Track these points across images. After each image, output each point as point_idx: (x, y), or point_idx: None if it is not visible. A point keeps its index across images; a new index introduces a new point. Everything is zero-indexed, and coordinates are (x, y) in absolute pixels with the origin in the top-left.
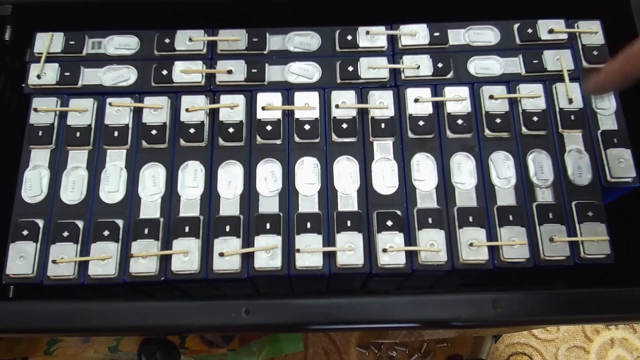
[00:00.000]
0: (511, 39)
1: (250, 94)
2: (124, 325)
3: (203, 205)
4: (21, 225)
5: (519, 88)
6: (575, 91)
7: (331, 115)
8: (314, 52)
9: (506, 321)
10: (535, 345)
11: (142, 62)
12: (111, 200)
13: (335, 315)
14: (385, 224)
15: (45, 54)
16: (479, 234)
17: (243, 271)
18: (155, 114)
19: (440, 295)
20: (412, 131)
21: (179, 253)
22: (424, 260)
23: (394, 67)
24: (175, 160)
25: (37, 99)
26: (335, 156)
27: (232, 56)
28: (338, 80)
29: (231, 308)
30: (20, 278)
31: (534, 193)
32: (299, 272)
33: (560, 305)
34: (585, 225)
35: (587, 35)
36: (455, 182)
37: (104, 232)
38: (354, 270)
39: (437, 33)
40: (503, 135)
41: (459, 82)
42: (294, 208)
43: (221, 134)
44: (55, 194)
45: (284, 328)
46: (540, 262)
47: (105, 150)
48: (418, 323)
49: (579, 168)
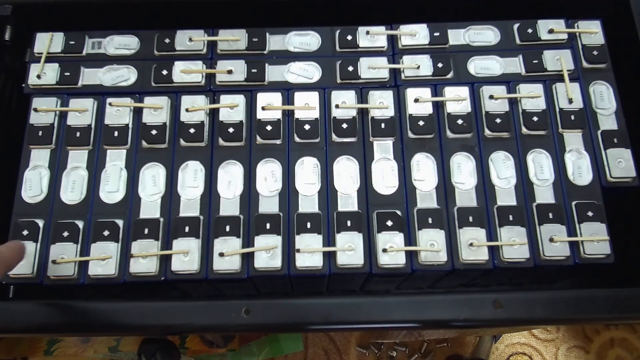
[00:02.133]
0: (511, 39)
1: (250, 94)
2: (124, 325)
3: (203, 205)
4: (21, 225)
5: (519, 88)
6: (576, 91)
7: (331, 115)
8: (314, 52)
9: (506, 321)
10: (535, 345)
11: (142, 62)
12: (111, 200)
13: (335, 315)
14: (385, 224)
15: (45, 54)
16: (479, 234)
17: (243, 271)
18: (155, 114)
19: (440, 295)
20: (412, 131)
21: (179, 253)
22: (424, 260)
23: (394, 67)
24: (175, 160)
25: (37, 99)
26: (335, 156)
27: (232, 56)
28: (338, 80)
29: (231, 308)
30: (20, 278)
31: (534, 193)
32: (299, 272)
33: (560, 305)
34: (585, 225)
35: (587, 35)
36: (455, 182)
37: (104, 232)
38: (354, 270)
39: (437, 33)
40: (503, 135)
41: (459, 82)
42: (294, 208)
43: (221, 134)
44: (55, 194)
45: (284, 328)
46: (540, 262)
47: (105, 150)
48: (418, 323)
49: (579, 168)
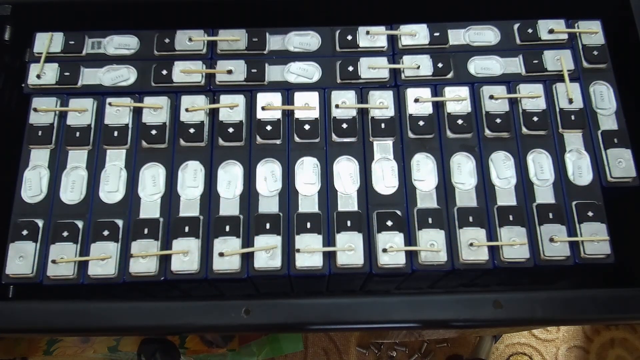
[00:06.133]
0: (511, 39)
1: (250, 94)
2: (124, 325)
3: (203, 205)
4: (21, 225)
5: (519, 88)
6: (576, 91)
7: (331, 115)
8: (314, 52)
9: (506, 321)
10: (535, 345)
11: (142, 62)
12: (111, 200)
13: (335, 315)
14: (385, 224)
15: (45, 54)
16: (479, 234)
17: (243, 271)
18: (155, 114)
19: (440, 295)
20: (412, 131)
21: (178, 253)
22: (424, 260)
23: (394, 67)
24: (175, 160)
25: (36, 99)
26: (335, 156)
27: (232, 56)
28: (338, 80)
29: (231, 308)
30: (20, 278)
31: (534, 193)
32: (299, 272)
33: (560, 305)
34: (585, 225)
35: (587, 35)
36: (455, 182)
37: (103, 232)
38: (354, 270)
39: (437, 33)
40: (503, 135)
41: (459, 82)
42: (294, 208)
43: (221, 134)
44: (55, 194)
45: (284, 328)
46: (540, 262)
47: (105, 150)
48: (418, 323)
49: (579, 168)
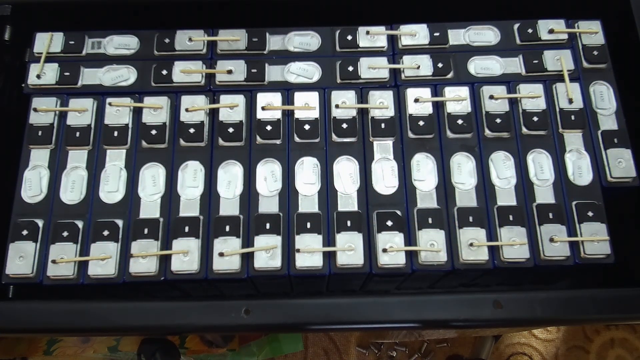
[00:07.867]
0: (511, 39)
1: (250, 94)
2: (124, 325)
3: (203, 205)
4: (21, 225)
5: (519, 88)
6: (576, 91)
7: (331, 115)
8: (314, 52)
9: (506, 321)
10: (535, 345)
11: (142, 62)
12: (111, 200)
13: (335, 315)
14: (385, 224)
15: (45, 54)
16: (479, 234)
17: (243, 271)
18: (155, 114)
19: (440, 295)
20: (412, 131)
21: (178, 253)
22: (424, 260)
23: (394, 67)
24: (175, 160)
25: (36, 99)
26: (335, 156)
27: (232, 56)
28: (338, 80)
29: (231, 308)
30: (20, 278)
31: (534, 193)
32: (299, 272)
33: (560, 305)
34: (585, 225)
35: (587, 35)
36: (455, 182)
37: (103, 232)
38: (354, 270)
39: (437, 33)
40: (503, 135)
41: (459, 82)
42: (294, 208)
43: (221, 134)
44: (54, 194)
45: (284, 328)
46: (540, 262)
47: (105, 150)
48: (418, 323)
49: (579, 168)
